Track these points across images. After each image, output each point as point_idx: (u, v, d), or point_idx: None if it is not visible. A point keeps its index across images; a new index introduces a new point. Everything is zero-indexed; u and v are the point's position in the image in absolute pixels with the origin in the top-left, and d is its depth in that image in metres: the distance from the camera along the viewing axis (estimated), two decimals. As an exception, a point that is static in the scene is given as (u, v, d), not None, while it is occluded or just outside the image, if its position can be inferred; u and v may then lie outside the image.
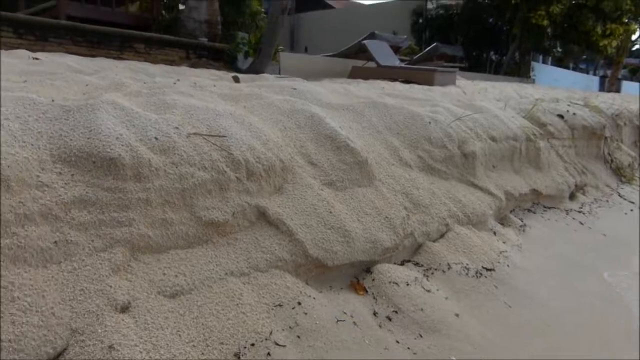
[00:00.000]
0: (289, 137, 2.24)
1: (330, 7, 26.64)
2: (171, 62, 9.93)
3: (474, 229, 2.47)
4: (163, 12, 11.85)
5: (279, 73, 12.46)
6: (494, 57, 20.09)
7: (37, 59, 3.40)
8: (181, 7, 12.83)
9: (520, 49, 19.24)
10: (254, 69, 10.07)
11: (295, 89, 2.92)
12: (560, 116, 4.15)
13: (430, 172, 2.64)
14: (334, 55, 15.26)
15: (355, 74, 12.49)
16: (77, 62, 3.81)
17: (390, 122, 2.81)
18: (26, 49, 8.20)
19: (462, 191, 2.64)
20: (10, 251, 1.25)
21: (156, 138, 1.68)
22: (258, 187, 1.86)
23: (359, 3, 28.02)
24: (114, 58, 9.08)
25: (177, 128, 1.78)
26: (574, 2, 16.35)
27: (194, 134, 1.80)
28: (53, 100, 1.69)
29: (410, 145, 2.70)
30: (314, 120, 2.39)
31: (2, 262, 1.23)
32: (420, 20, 20.99)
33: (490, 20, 19.42)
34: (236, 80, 3.78)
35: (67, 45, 8.66)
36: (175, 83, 2.73)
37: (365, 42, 12.99)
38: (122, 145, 1.56)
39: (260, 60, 10.24)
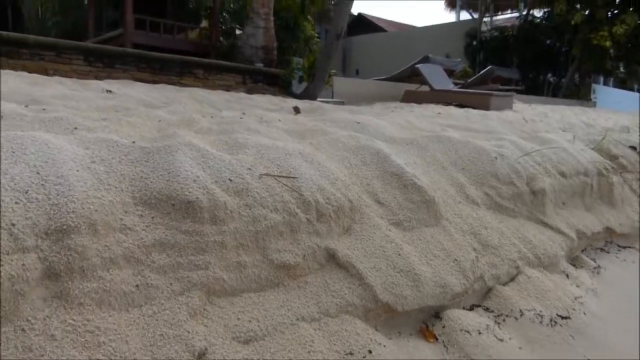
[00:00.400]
0: (355, 175, 2.23)
1: (383, 30, 26.76)
2: (228, 87, 10.21)
3: (546, 271, 2.37)
4: (221, 38, 12.24)
5: (332, 97, 12.58)
6: (551, 79, 19.53)
7: (110, 91, 3.56)
8: (238, 30, 13.24)
9: (580, 71, 18.64)
10: (308, 94, 10.21)
11: (358, 122, 2.93)
12: (633, 148, 3.96)
13: (498, 210, 2.57)
14: (386, 79, 15.27)
15: (408, 97, 12.44)
16: (146, 93, 3.96)
17: (455, 157, 2.76)
18: (95, 76, 8.65)
19: (531, 230, 2.54)
20: (96, 295, 1.29)
21: (230, 180, 1.71)
22: (327, 228, 1.85)
23: (412, 26, 28.00)
24: (175, 83, 9.42)
25: (249, 169, 1.81)
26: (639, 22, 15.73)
27: (266, 174, 1.82)
28: (134, 142, 1.76)
29: (477, 181, 2.64)
30: (379, 157, 2.37)
31: (89, 306, 1.27)
32: (474, 43, 20.72)
33: (548, 41, 18.94)
34: (297, 111, 3.82)
35: (132, 71, 9.06)
36: (241, 118, 2.79)
37: (418, 65, 12.92)
38: (199, 188, 1.59)
39: (314, 84, 10.37)
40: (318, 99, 10.54)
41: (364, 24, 26.32)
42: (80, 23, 13.46)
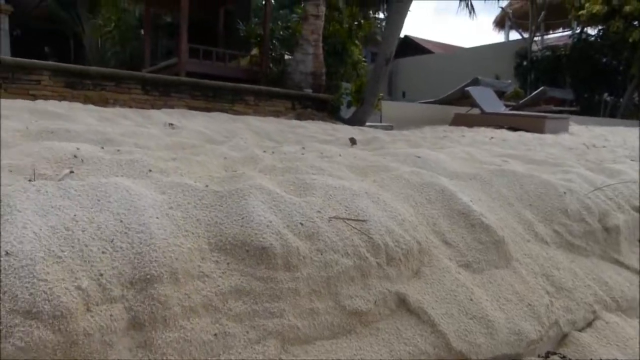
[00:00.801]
0: (421, 214, 2.20)
1: (429, 51, 26.66)
2: (278, 113, 10.39)
3: (624, 315, 2.24)
4: (271, 65, 12.49)
5: (380, 121, 12.57)
6: (608, 99, 18.86)
7: (172, 125, 3.67)
8: (287, 55, 13.48)
9: (639, 90, 17.93)
10: (357, 119, 10.25)
11: (419, 157, 2.90)
12: None
13: (569, 249, 2.46)
14: (434, 102, 15.15)
15: (458, 121, 12.27)
16: (205, 126, 4.07)
17: (520, 193, 2.68)
18: (151, 105, 8.98)
19: (606, 271, 2.42)
20: (178, 345, 1.30)
21: (301, 224, 1.72)
22: (397, 272, 1.82)
23: (459, 47, 27.77)
24: (227, 110, 9.68)
25: (319, 212, 1.81)
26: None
27: (335, 217, 1.82)
28: (207, 186, 1.79)
29: (545, 218, 2.55)
30: (444, 195, 2.33)
31: (171, 356, 1.28)
32: (525, 63, 20.32)
33: (604, 60, 18.34)
34: (353, 142, 3.83)
35: (186, 99, 9.37)
36: (303, 154, 2.81)
37: (468, 88, 12.77)
38: (272, 234, 1.60)
39: (363, 109, 10.41)
40: (367, 123, 10.57)
41: (410, 46, 26.31)
42: (137, 53, 14.07)
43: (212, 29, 14.14)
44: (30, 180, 1.71)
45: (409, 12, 10.32)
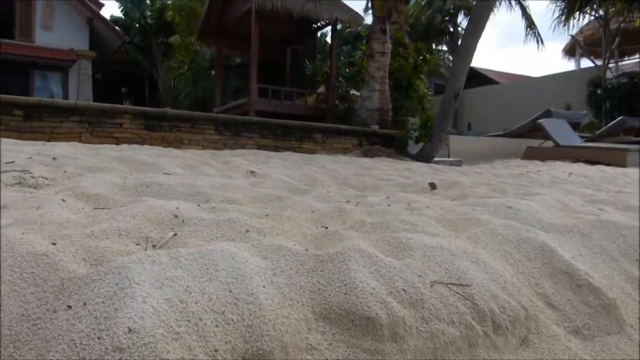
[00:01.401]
0: (521, 273, 2.09)
1: (494, 82, 26.16)
2: (345, 150, 10.44)
3: None
4: (337, 102, 12.65)
5: (449, 156, 12.36)
6: (693, 128, 17.67)
7: (253, 172, 3.74)
8: (353, 90, 13.62)
9: None
10: (426, 154, 10.12)
11: (510, 207, 2.78)
12: None
13: (686, 311, 2.25)
14: (503, 135, 14.74)
15: (531, 154, 11.87)
16: (283, 171, 4.12)
17: (624, 247, 2.50)
18: (223, 144, 9.27)
19: None
20: None
21: (404, 290, 1.66)
22: (504, 341, 1.72)
23: (526, 76, 27.09)
24: (295, 148, 9.84)
25: (420, 276, 1.75)
26: None
27: (437, 282, 1.76)
28: (307, 249, 1.78)
29: (656, 276, 2.35)
30: (544, 252, 2.21)
31: None
32: (599, 91, 19.47)
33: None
34: (433, 187, 3.75)
35: (256, 138, 9.62)
36: (389, 205, 2.78)
37: (540, 121, 12.36)
38: (377, 302, 1.56)
39: (431, 145, 10.28)
40: (435, 159, 10.41)
41: (475, 77, 25.92)
42: (208, 92, 14.69)
43: (279, 68, 14.57)
44: (137, 244, 1.76)
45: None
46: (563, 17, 19.73)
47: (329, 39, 19.05)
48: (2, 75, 18.61)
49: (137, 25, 21.39)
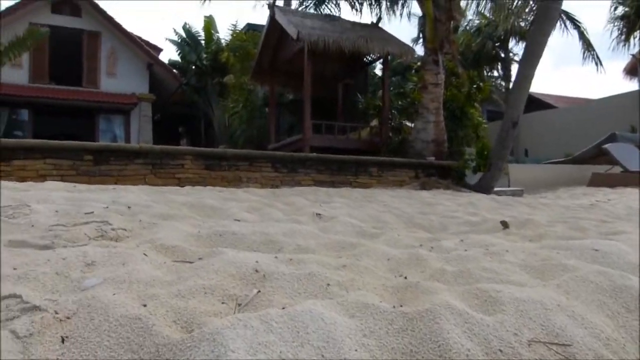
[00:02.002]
0: (622, 327, 1.94)
1: (551, 106, 25.43)
2: (401, 183, 10.33)
3: None
4: (390, 134, 12.61)
5: (509, 185, 11.99)
6: None
7: (319, 215, 3.73)
8: (407, 122, 13.54)
9: None
10: (485, 185, 9.86)
11: (596, 250, 2.62)
12: None
13: None
14: (565, 162, 14.22)
15: (597, 181, 11.36)
16: (349, 212, 4.09)
17: None
18: (280, 181, 9.37)
19: None
20: None
21: (500, 350, 1.57)
22: (615, 406, 1.59)
23: (585, 98, 26.20)
24: (351, 183, 9.82)
25: (515, 334, 1.65)
26: None
27: (534, 340, 1.65)
28: (394, 307, 1.73)
29: None
30: (644, 301, 2.05)
31: None
32: (667, 111, 18.51)
33: None
34: (505, 225, 3.61)
35: (312, 174, 9.67)
36: (466, 250, 2.68)
37: (606, 146, 11.85)
38: (475, 366, 1.47)
39: (491, 175, 10.03)
40: (495, 189, 10.12)
41: (531, 101, 25.28)
42: (263, 130, 14.99)
43: (331, 103, 14.73)
44: (223, 303, 1.76)
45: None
46: (622, 37, 19.05)
47: (377, 71, 19.21)
48: (72, 120, 19.77)
49: (194, 67, 22.29)
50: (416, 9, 23.74)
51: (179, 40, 23.29)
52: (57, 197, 3.95)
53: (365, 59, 13.80)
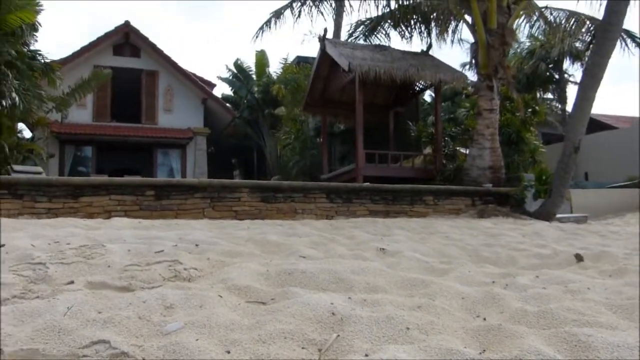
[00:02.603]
0: None
1: (611, 127, 24.42)
2: (458, 211, 10.11)
3: None
4: (444, 162, 12.43)
5: (571, 211, 11.50)
6: None
7: (383, 249, 3.68)
8: (461, 148, 13.32)
9: None
10: (546, 212, 9.51)
11: (689, 288, 2.46)
12: None
13: None
14: (630, 185, 13.56)
15: (668, 206, 10.72)
16: (411, 246, 4.02)
17: None
18: (335, 212, 9.35)
19: None
20: None
21: (601, 403, 1.48)
22: None
23: (647, 118, 24.98)
24: (407, 212, 9.69)
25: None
26: None
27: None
28: (480, 353, 1.66)
29: None
30: None
31: None
32: None
33: None
34: (579, 259, 3.45)
35: (367, 204, 9.61)
36: (544, 288, 2.56)
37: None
38: (575, 421, 1.38)
39: (552, 201, 9.67)
40: (557, 215, 9.73)
41: (590, 123, 24.37)
42: (315, 160, 15.10)
43: (382, 132, 14.71)
44: (303, 348, 1.74)
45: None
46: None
47: (426, 97, 19.11)
48: (131, 155, 20.62)
49: (245, 101, 22.90)
50: (467, 35, 23.63)
51: (231, 77, 24.07)
52: (126, 235, 4.09)
53: (416, 87, 13.77)
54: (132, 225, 5.28)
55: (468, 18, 11.48)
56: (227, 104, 22.64)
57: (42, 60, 11.41)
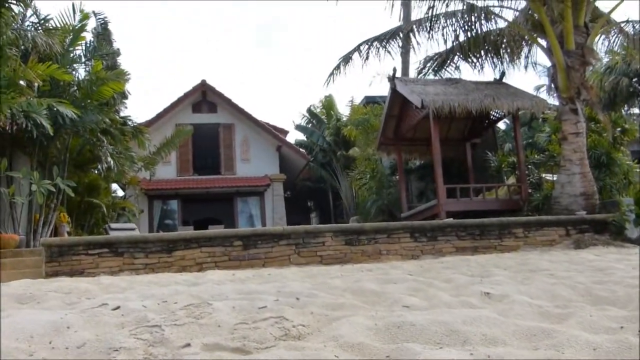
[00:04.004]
0: None
1: None
2: (551, 242, 9.59)
3: None
4: (530, 191, 11.91)
5: (678, 236, 10.55)
6: None
7: (487, 293, 3.53)
8: (547, 174, 12.71)
9: None
10: (653, 238, 8.79)
11: None
12: None
13: None
14: None
15: None
16: (517, 288, 3.82)
17: None
18: (420, 250, 9.14)
19: None
20: None
21: None
22: None
23: None
24: (495, 247, 9.31)
25: None
26: None
27: None
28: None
29: None
30: None
31: None
32: None
33: None
34: None
35: (453, 241, 9.34)
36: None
37: None
38: None
39: (658, 226, 8.94)
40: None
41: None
42: (392, 198, 14.97)
43: (459, 164, 14.41)
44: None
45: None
46: None
47: (500, 124, 18.56)
48: (213, 205, 21.43)
49: (318, 145, 23.35)
50: (541, 58, 22.95)
51: (305, 122, 24.75)
52: (226, 290, 4.19)
53: (492, 116, 13.44)
54: (228, 279, 5.41)
55: (542, 42, 11.17)
56: (301, 149, 23.16)
57: (132, 124, 12.29)
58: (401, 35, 12.57)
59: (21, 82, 8.45)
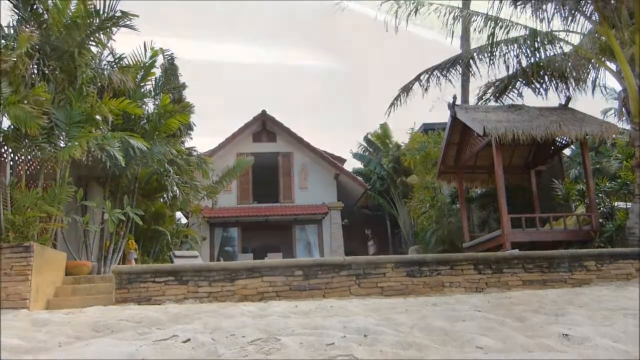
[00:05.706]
0: None
1: None
2: (628, 276, 9.06)
3: None
4: (601, 220, 11.32)
5: None
6: None
7: (566, 335, 3.35)
8: (619, 203, 12.02)
9: None
10: None
11: None
12: None
13: None
14: None
15: None
16: (597, 329, 3.60)
17: None
18: (485, 283, 8.84)
19: None
20: None
21: None
22: None
23: None
24: (565, 280, 8.87)
25: None
26: None
27: None
28: None
29: None
30: None
31: None
32: None
33: None
34: None
35: (519, 274, 8.97)
36: None
37: None
38: None
39: None
40: None
41: None
42: (453, 228, 14.62)
43: (523, 193, 13.93)
44: None
45: None
46: None
47: (566, 150, 17.82)
48: (271, 232, 21.69)
49: (376, 172, 23.30)
50: (609, 81, 22.06)
51: (363, 151, 24.84)
52: (292, 324, 4.20)
53: (557, 143, 12.97)
54: (291, 311, 5.42)
55: (611, 65, 10.75)
56: (359, 177, 23.18)
57: (196, 155, 12.73)
58: (461, 62, 12.43)
59: (97, 117, 8.97)
